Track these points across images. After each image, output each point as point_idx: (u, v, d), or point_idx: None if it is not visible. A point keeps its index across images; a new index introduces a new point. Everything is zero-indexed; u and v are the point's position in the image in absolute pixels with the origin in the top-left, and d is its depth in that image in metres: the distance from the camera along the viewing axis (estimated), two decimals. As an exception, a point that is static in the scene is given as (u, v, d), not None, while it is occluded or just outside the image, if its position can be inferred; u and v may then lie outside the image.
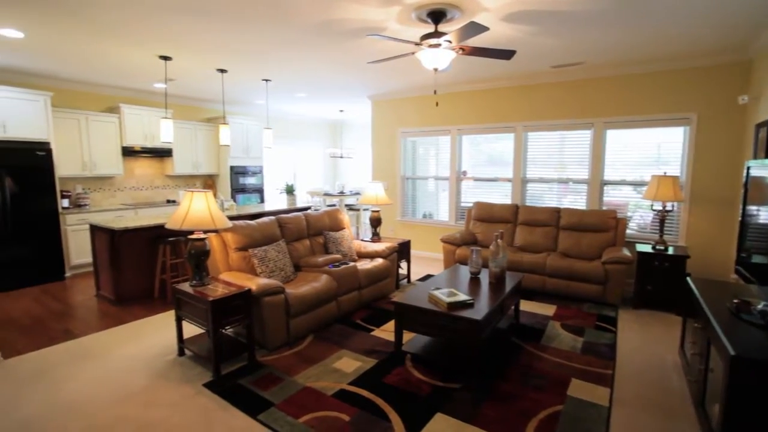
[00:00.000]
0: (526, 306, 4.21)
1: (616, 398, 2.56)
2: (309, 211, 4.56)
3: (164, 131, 4.58)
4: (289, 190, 6.00)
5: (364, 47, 4.07)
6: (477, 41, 3.76)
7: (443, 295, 2.98)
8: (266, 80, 5.63)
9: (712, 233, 4.53)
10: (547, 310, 4.11)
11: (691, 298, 2.81)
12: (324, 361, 3.01)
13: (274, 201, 8.90)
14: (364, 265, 4.26)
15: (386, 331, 3.56)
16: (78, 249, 5.50)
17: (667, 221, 4.67)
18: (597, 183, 5.17)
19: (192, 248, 2.96)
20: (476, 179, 6.20)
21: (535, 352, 3.16)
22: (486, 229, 5.46)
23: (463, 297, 2.94)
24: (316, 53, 4.29)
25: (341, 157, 8.74)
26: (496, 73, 5.31)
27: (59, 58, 4.49)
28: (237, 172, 7.49)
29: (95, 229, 4.47)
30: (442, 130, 6.33)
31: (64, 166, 5.50)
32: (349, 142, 10.27)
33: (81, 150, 5.68)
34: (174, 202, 6.69)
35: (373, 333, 3.53)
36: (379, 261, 4.43)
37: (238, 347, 3.05)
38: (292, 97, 6.91)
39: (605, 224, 4.71)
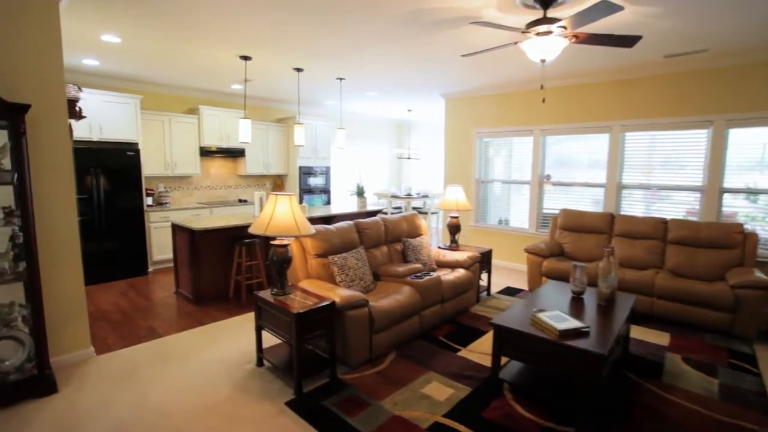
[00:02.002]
0: (632, 332, 3.66)
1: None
2: (385, 215, 4.31)
3: (242, 131, 4.57)
4: (360, 192, 5.82)
5: (451, 39, 3.74)
6: (589, 27, 3.29)
7: (551, 319, 2.58)
8: (340, 79, 5.49)
9: None
10: (660, 338, 3.53)
11: None
12: (411, 384, 2.73)
13: (342, 202, 8.84)
14: (446, 276, 3.93)
15: (474, 352, 3.22)
16: (159, 245, 5.70)
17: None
18: (714, 190, 4.44)
19: (274, 255, 2.81)
20: (560, 184, 5.64)
21: (658, 392, 2.66)
22: (575, 239, 4.91)
23: (575, 323, 2.53)
24: (397, 48, 4.04)
25: (408, 158, 8.47)
26: (589, 67, 4.75)
27: (149, 62, 4.63)
28: (305, 172, 7.48)
29: (176, 228, 4.55)
30: (524, 130, 5.84)
31: (148, 166, 5.72)
32: (415, 142, 9.98)
33: (164, 150, 5.89)
34: (245, 201, 6.79)
35: (459, 353, 3.20)
36: (461, 272, 4.09)
37: (319, 362, 2.86)
38: (362, 96, 6.75)
39: (729, 239, 4.01)
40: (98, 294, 4.66)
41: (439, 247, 4.73)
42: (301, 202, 7.38)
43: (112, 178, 5.13)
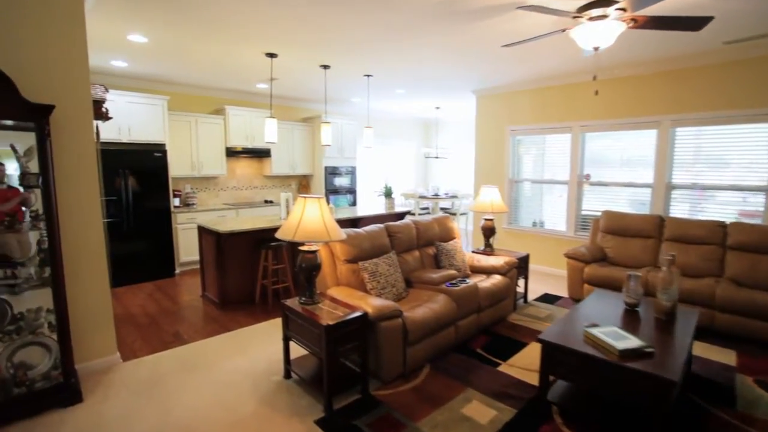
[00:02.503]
0: (694, 348, 3.31)
1: None
2: (415, 217, 4.10)
3: (268, 131, 4.45)
4: (388, 193, 5.63)
5: (489, 29, 3.49)
6: (648, 10, 2.98)
7: (607, 336, 2.31)
8: (368, 76, 5.31)
9: None
10: (725, 356, 3.18)
11: None
12: (449, 403, 2.52)
13: (368, 203, 8.68)
14: (482, 282, 3.69)
15: (515, 367, 2.97)
16: (186, 247, 5.67)
17: None
18: (781, 191, 4.01)
19: (303, 261, 2.64)
20: (600, 184, 5.28)
21: (736, 423, 2.34)
22: (619, 244, 4.56)
23: (636, 341, 2.25)
24: (430, 39, 3.82)
25: (436, 157, 8.22)
26: (635, 57, 4.39)
27: (175, 62, 4.57)
28: (330, 172, 7.34)
29: (202, 231, 4.48)
30: (562, 127, 5.50)
31: (175, 167, 5.70)
32: (442, 141, 9.71)
33: (190, 151, 5.86)
34: (271, 202, 6.71)
35: (499, 368, 2.96)
36: (498, 278, 3.84)
37: (349, 376, 2.68)
38: (390, 93, 6.55)
39: (801, 246, 3.60)
40: (126, 296, 4.64)
41: (473, 252, 4.48)
42: (327, 203, 7.25)
43: (140, 180, 5.12)
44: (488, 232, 4.51)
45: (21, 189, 2.34)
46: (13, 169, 2.30)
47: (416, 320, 2.85)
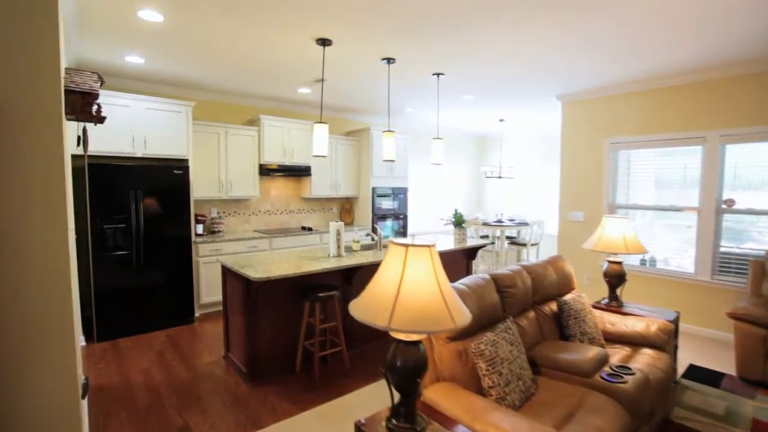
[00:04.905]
0: None
1: None
2: (527, 263, 2.88)
3: (317, 140, 3.38)
4: (459, 221, 4.44)
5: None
6: None
7: None
8: (438, 74, 4.22)
9: None
10: None
11: None
12: None
13: (419, 230, 7.54)
14: (635, 362, 2.43)
15: None
16: (209, 284, 4.64)
17: None
18: None
19: (399, 358, 1.48)
20: (749, 212, 3.93)
21: None
22: (805, 298, 3.19)
23: None
24: (532, 13, 2.69)
25: (499, 177, 7.01)
26: (835, 36, 3.11)
27: (199, 55, 3.63)
28: (378, 194, 6.24)
29: (227, 272, 3.40)
30: (690, 137, 4.22)
31: (199, 187, 4.73)
32: (496, 159, 8.51)
33: (218, 168, 4.89)
34: (310, 229, 5.64)
35: None
36: (651, 355, 2.56)
37: None
38: (456, 101, 5.45)
39: None
40: (130, 354, 3.59)
41: (593, 307, 3.22)
42: (374, 231, 6.14)
43: (155, 202, 4.14)
44: (616, 279, 3.24)
45: None
46: None
47: (594, 464, 1.61)
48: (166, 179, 4.21)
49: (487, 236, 7.36)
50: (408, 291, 1.39)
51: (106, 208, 3.87)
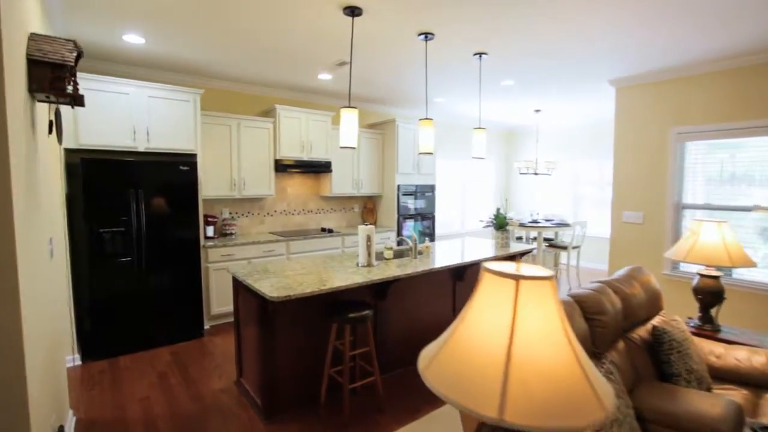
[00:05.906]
0: None
1: None
2: (612, 277, 2.31)
3: (344, 130, 2.86)
4: (501, 224, 3.86)
5: None
6: None
7: None
8: (480, 54, 3.65)
9: None
10: None
11: None
12: None
13: (449, 231, 6.99)
14: (765, 414, 1.84)
15: None
16: (221, 293, 4.17)
17: None
18: None
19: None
20: None
21: None
22: None
23: None
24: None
25: (535, 173, 6.39)
26: None
27: (206, 33, 3.13)
28: (404, 192, 5.70)
29: (239, 286, 2.90)
30: (780, 123, 3.57)
31: (209, 184, 4.26)
32: (529, 153, 7.88)
33: (230, 164, 4.41)
34: (330, 231, 5.12)
35: None
36: (780, 400, 1.97)
37: None
38: (495, 86, 4.85)
39: None
40: (130, 376, 3.13)
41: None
42: (399, 233, 5.59)
43: (159, 202, 3.68)
44: (710, 297, 2.63)
45: None
46: None
47: None
48: (172, 176, 3.73)
49: (520, 238, 6.76)
50: (525, 356, 0.85)
51: (103, 209, 3.41)
